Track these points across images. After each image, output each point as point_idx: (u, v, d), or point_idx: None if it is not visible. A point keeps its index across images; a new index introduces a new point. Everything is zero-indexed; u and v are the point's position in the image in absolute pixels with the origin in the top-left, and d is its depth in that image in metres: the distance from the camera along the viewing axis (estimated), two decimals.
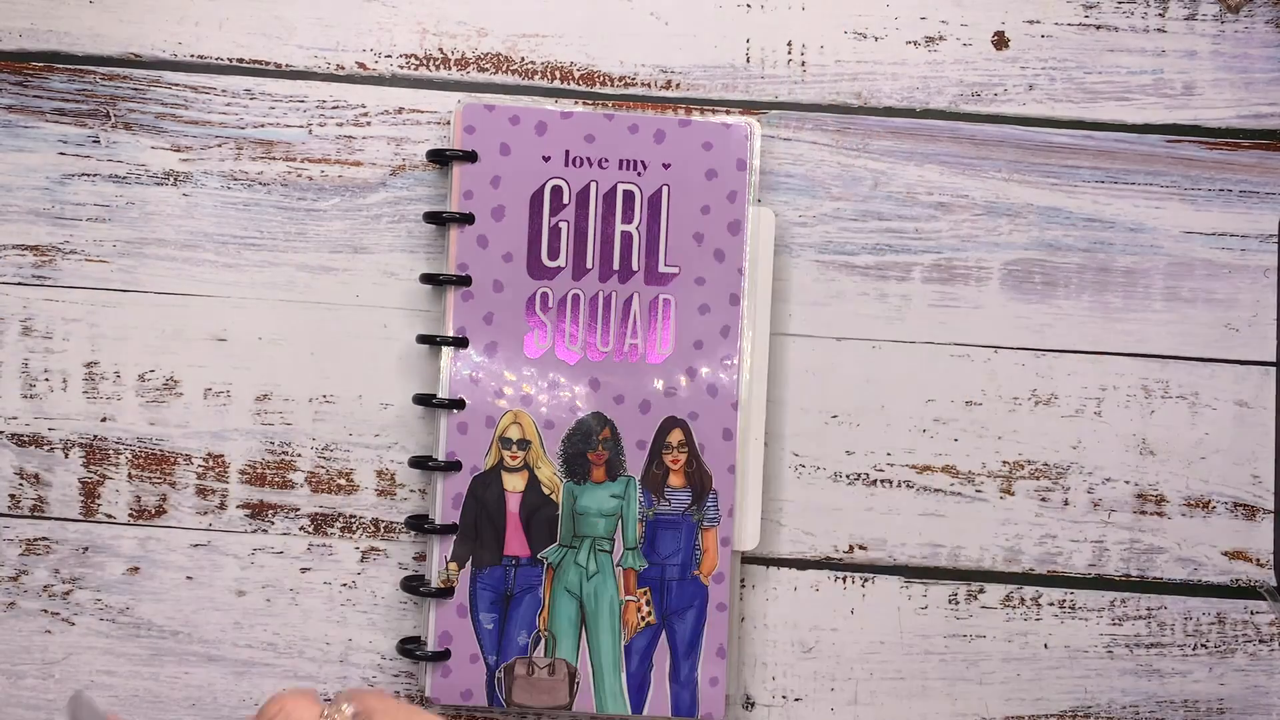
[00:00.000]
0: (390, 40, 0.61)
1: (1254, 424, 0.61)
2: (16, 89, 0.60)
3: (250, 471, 0.60)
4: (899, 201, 0.61)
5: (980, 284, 0.61)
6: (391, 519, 0.60)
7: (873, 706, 0.60)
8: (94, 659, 0.59)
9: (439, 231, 0.60)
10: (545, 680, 0.58)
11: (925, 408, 0.60)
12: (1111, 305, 0.61)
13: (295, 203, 0.60)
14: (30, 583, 0.59)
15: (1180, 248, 0.61)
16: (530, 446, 0.58)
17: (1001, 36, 0.62)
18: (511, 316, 0.58)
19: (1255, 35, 0.62)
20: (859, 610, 0.60)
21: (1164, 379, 0.61)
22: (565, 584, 0.58)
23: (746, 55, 0.61)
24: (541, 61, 0.61)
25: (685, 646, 0.58)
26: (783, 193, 0.61)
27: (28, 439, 0.59)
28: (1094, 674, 0.60)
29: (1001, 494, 0.60)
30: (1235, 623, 0.60)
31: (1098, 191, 0.61)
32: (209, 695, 0.59)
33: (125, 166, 0.60)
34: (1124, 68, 0.62)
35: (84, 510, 0.59)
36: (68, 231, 0.60)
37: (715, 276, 0.59)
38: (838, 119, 0.61)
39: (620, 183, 0.59)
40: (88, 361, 0.60)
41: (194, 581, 0.59)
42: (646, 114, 0.60)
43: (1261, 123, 0.61)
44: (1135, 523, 0.60)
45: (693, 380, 0.58)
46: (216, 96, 0.60)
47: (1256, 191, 0.61)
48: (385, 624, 0.59)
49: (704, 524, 0.58)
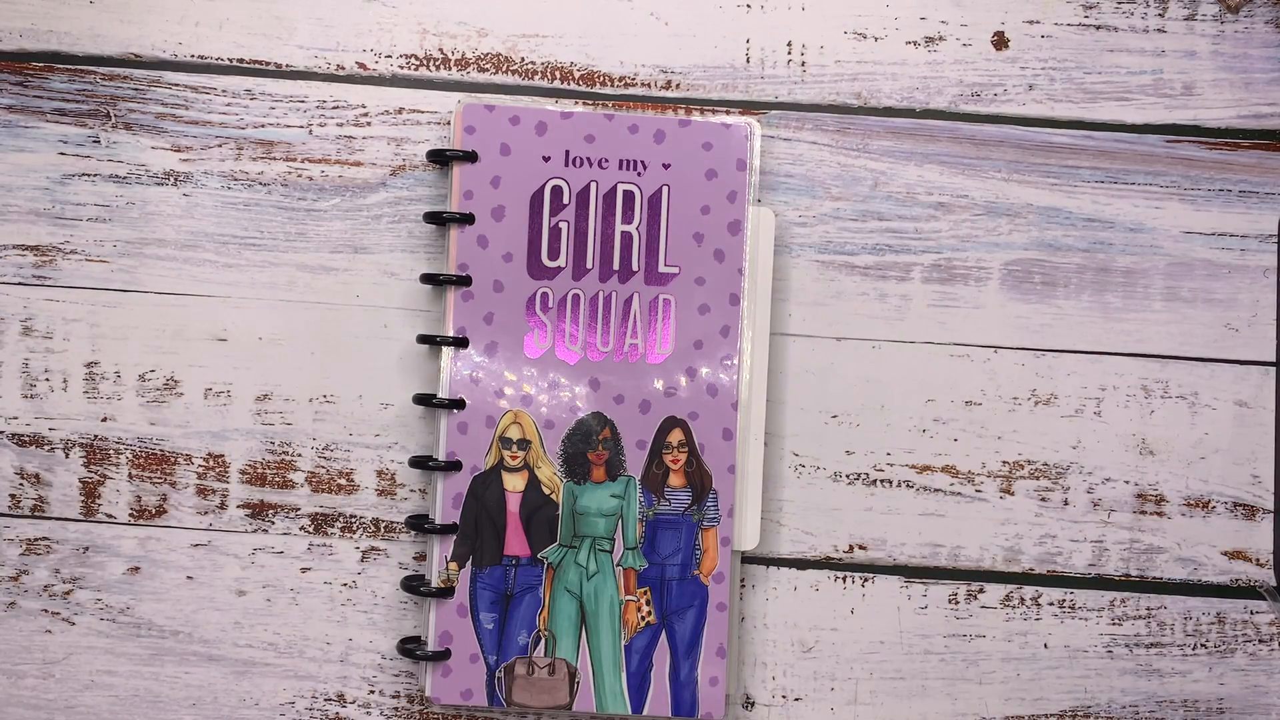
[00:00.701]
0: (390, 40, 0.61)
1: (1254, 424, 0.61)
2: (17, 89, 0.60)
3: (250, 471, 0.60)
4: (899, 201, 0.61)
5: (980, 284, 0.61)
6: (392, 519, 0.60)
7: (873, 706, 0.60)
8: (94, 659, 0.59)
9: (439, 231, 0.60)
10: (545, 680, 0.58)
11: (925, 408, 0.60)
12: (1111, 305, 0.61)
13: (295, 203, 0.60)
14: (30, 583, 0.59)
15: (1180, 248, 0.61)
16: (530, 446, 0.58)
17: (1001, 37, 0.62)
18: (511, 316, 0.58)
19: (1255, 35, 0.62)
20: (859, 610, 0.60)
21: (1164, 379, 0.61)
22: (565, 584, 0.58)
23: (746, 55, 0.61)
24: (541, 62, 0.61)
25: (685, 646, 0.58)
26: (783, 193, 0.61)
27: (28, 439, 0.60)
28: (1094, 674, 0.60)
29: (1001, 494, 0.60)
30: (1235, 623, 0.60)
31: (1097, 191, 0.61)
32: (209, 695, 0.59)
33: (125, 166, 0.60)
34: (1124, 68, 0.62)
35: (84, 510, 0.59)
36: (68, 231, 0.60)
37: (715, 276, 0.59)
38: (838, 119, 0.61)
39: (620, 183, 0.59)
40: (88, 361, 0.60)
41: (194, 581, 0.59)
42: (646, 114, 0.60)
43: (1261, 123, 0.61)
44: (1135, 523, 0.60)
45: (693, 380, 0.58)
46: (217, 96, 0.60)
47: (1256, 191, 0.61)
48: (385, 624, 0.60)
49: (704, 524, 0.58)
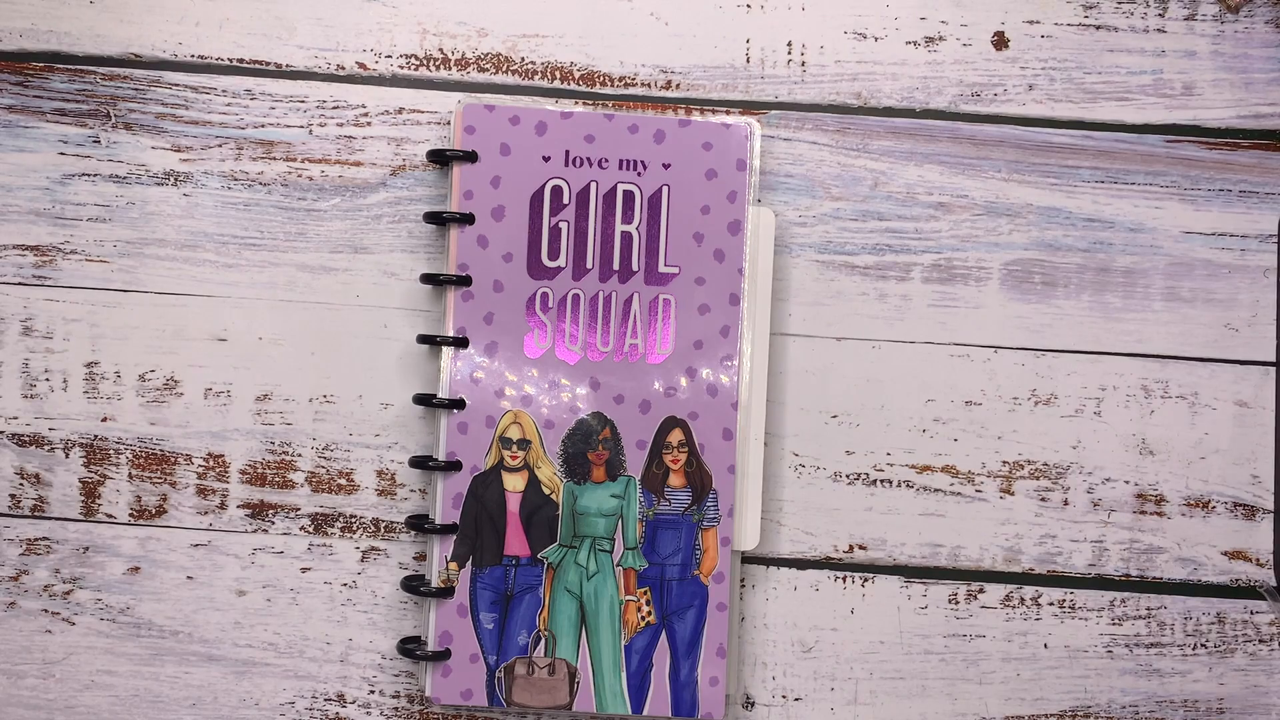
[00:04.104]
0: (390, 40, 0.61)
1: (1254, 424, 0.61)
2: (17, 89, 0.60)
3: (250, 471, 0.60)
4: (899, 201, 0.61)
5: (980, 284, 0.61)
6: (392, 519, 0.60)
7: (873, 706, 0.60)
8: (94, 659, 0.59)
9: (439, 231, 0.60)
10: (545, 680, 0.58)
11: (925, 408, 0.60)
12: (1111, 305, 0.61)
13: (295, 203, 0.60)
14: (30, 583, 0.59)
15: (1180, 248, 0.61)
16: (530, 446, 0.58)
17: (1001, 37, 0.62)
18: (512, 316, 0.58)
19: (1255, 35, 0.62)
20: (859, 610, 0.60)
21: (1164, 379, 0.61)
22: (565, 584, 0.58)
23: (746, 55, 0.61)
24: (541, 61, 0.61)
25: (685, 646, 0.58)
26: (782, 193, 0.61)
27: (28, 439, 0.60)
28: (1094, 674, 0.60)
29: (1001, 494, 0.60)
30: (1235, 623, 0.60)
31: (1097, 191, 0.61)
32: (209, 695, 0.59)
33: (125, 166, 0.60)
34: (1124, 68, 0.62)
35: (84, 510, 0.59)
36: (68, 231, 0.60)
37: (715, 276, 0.59)
38: (837, 119, 0.61)
39: (620, 183, 0.59)
40: (88, 361, 0.60)
41: (194, 581, 0.59)
42: (646, 114, 0.60)
43: (1261, 123, 0.61)
44: (1135, 523, 0.60)
45: (693, 380, 0.58)
46: (217, 96, 0.60)
47: (1256, 191, 0.61)
48: (385, 624, 0.60)
49: (704, 524, 0.58)
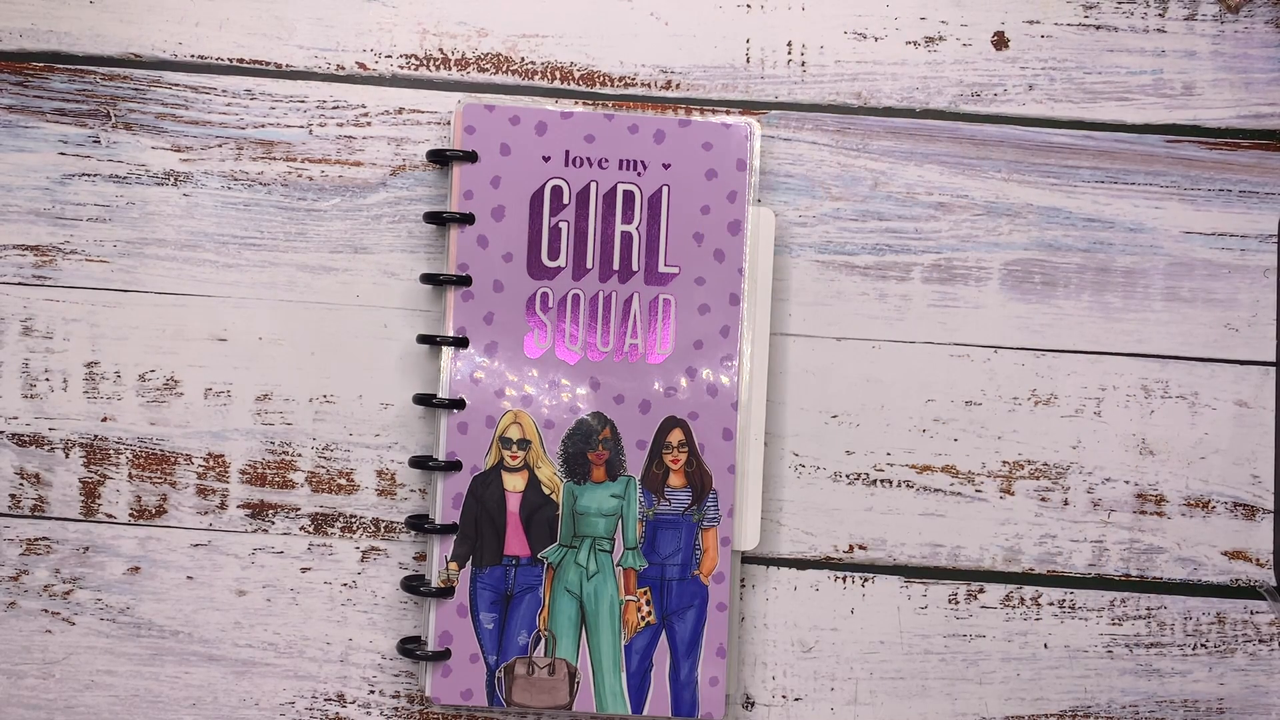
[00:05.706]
0: (390, 40, 0.61)
1: (1254, 424, 0.61)
2: (17, 89, 0.60)
3: (250, 471, 0.60)
4: (899, 201, 0.61)
5: (980, 284, 0.61)
6: (391, 519, 0.60)
7: (873, 706, 0.60)
8: (94, 659, 0.59)
9: (439, 231, 0.60)
10: (545, 680, 0.58)
11: (925, 408, 0.60)
12: (1111, 305, 0.61)
13: (295, 203, 0.60)
14: (30, 583, 0.59)
15: (1180, 248, 0.61)
16: (530, 446, 0.58)
17: (1001, 37, 0.62)
18: (511, 316, 0.58)
19: (1255, 35, 0.62)
20: (859, 610, 0.60)
21: (1164, 379, 0.61)
22: (565, 584, 0.58)
23: (746, 55, 0.61)
24: (541, 62, 0.61)
25: (685, 646, 0.58)
26: (782, 193, 0.61)
27: (28, 439, 0.60)
28: (1094, 674, 0.60)
29: (1001, 494, 0.60)
30: (1235, 623, 0.60)
31: (1097, 191, 0.61)
32: (209, 695, 0.59)
33: (125, 166, 0.60)
34: (1124, 68, 0.62)
35: (84, 510, 0.59)
36: (68, 231, 0.60)
37: (715, 276, 0.59)
38: (837, 119, 0.61)
39: (620, 183, 0.59)
40: (88, 361, 0.60)
41: (194, 581, 0.59)
42: (646, 114, 0.60)
43: (1261, 123, 0.61)
44: (1135, 523, 0.60)
45: (693, 380, 0.58)
46: (217, 96, 0.60)
47: (1256, 191, 0.61)
48: (385, 624, 0.60)
49: (704, 524, 0.58)
